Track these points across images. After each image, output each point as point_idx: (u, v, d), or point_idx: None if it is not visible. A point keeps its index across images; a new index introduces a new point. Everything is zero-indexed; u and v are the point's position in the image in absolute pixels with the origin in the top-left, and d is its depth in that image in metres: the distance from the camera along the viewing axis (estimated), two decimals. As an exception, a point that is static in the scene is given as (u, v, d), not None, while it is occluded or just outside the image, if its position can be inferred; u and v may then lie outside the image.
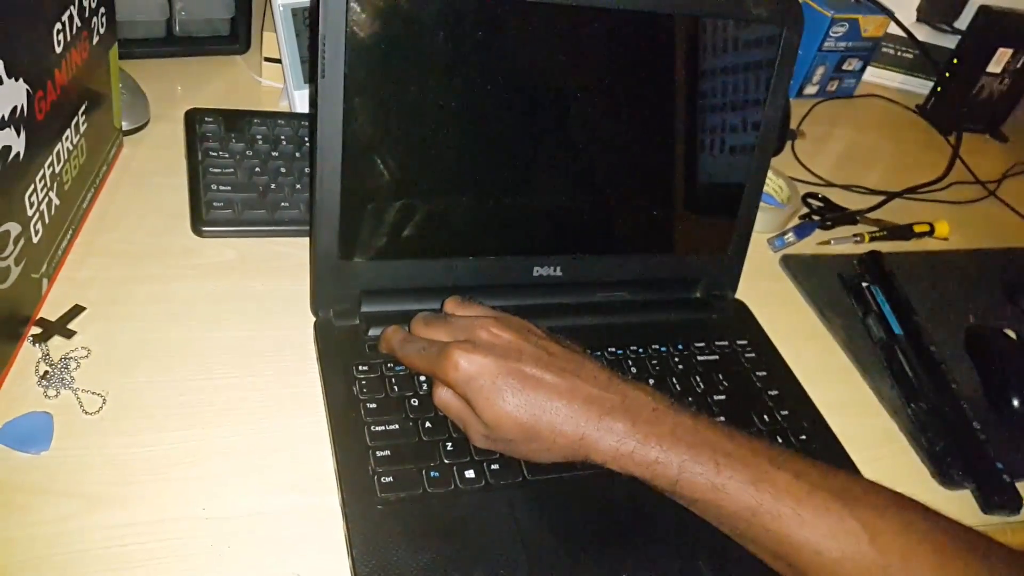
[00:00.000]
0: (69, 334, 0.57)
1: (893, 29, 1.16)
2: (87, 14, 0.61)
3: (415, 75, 0.56)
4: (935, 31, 1.18)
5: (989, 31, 1.09)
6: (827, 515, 0.46)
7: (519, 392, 0.49)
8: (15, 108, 0.49)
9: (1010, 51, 1.10)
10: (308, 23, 0.80)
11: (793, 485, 0.47)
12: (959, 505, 0.62)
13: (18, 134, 0.50)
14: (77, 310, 0.59)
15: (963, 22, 1.14)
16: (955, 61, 1.13)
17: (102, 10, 0.64)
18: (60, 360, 0.55)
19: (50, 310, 0.58)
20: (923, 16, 1.17)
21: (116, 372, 0.56)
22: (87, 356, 0.56)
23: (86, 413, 0.53)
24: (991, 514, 0.61)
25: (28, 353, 0.56)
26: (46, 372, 0.54)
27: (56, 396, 0.53)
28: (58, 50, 0.55)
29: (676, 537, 0.52)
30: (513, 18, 0.57)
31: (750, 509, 0.46)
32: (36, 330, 0.57)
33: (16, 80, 0.49)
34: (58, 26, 0.55)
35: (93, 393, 0.54)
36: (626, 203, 0.67)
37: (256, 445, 0.54)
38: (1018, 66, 1.12)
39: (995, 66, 1.12)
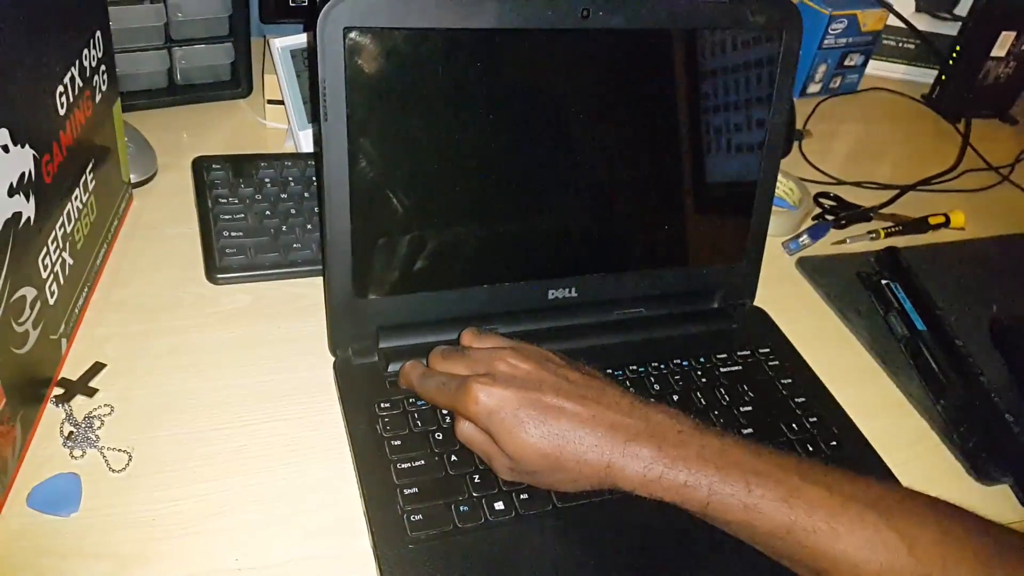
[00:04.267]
0: (91, 392, 0.58)
1: (893, 21, 1.15)
2: (88, 73, 0.61)
3: (417, 110, 0.57)
4: (935, 19, 1.17)
5: (991, 15, 1.08)
6: (863, 527, 0.45)
7: (541, 423, 0.48)
8: (23, 174, 0.50)
9: (1013, 33, 1.09)
10: (308, 63, 0.81)
11: (826, 499, 0.46)
12: (998, 501, 0.60)
13: (27, 199, 0.50)
14: (98, 367, 0.59)
15: (963, 8, 1.13)
16: (958, 48, 1.12)
17: (103, 67, 0.65)
18: (84, 419, 0.56)
19: (71, 369, 0.59)
20: (922, 6, 1.16)
21: (140, 427, 0.56)
22: (110, 413, 0.57)
23: (112, 471, 0.53)
24: (1032, 508, 0.60)
25: (52, 414, 0.56)
26: (71, 432, 0.55)
27: (82, 456, 0.54)
28: (62, 112, 0.56)
29: (713, 557, 0.51)
30: (511, 47, 0.57)
31: (784, 527, 0.46)
32: (58, 391, 0.57)
33: (22, 147, 0.49)
34: (60, 88, 0.55)
35: (119, 450, 0.54)
36: (638, 219, 0.67)
37: (284, 491, 0.54)
38: (1022, 48, 1.11)
39: (999, 50, 1.11)
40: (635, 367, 0.64)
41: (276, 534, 0.51)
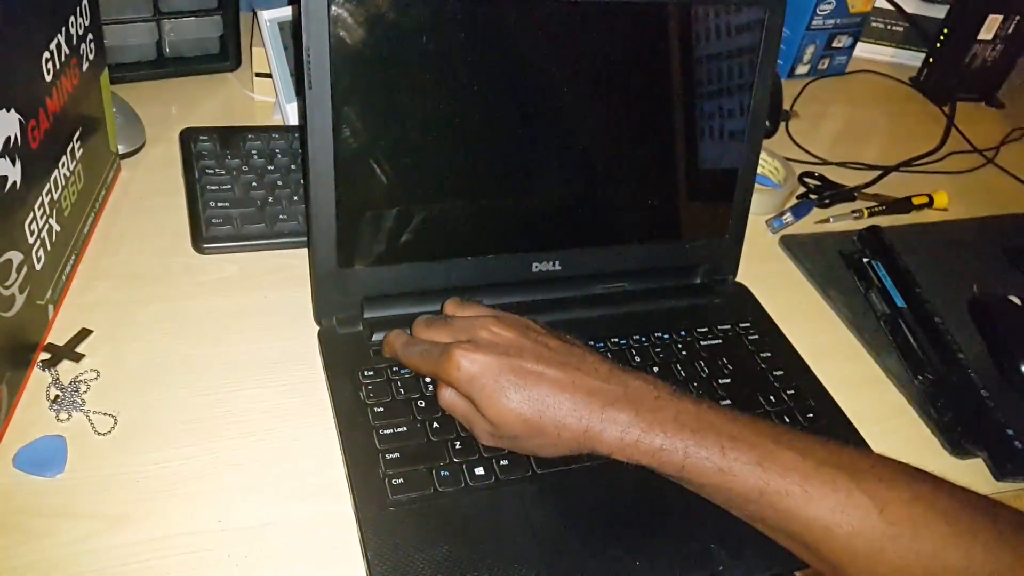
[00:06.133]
0: (78, 357, 0.58)
1: (881, 3, 1.16)
2: (75, 41, 0.61)
3: (401, 79, 0.57)
4: (923, 2, 1.18)
5: (978, -2, 1.09)
6: (835, 490, 0.46)
7: (521, 388, 0.49)
8: (8, 138, 0.50)
9: (1000, 17, 1.10)
10: (294, 36, 0.81)
11: (799, 463, 0.47)
12: (972, 474, 0.62)
13: (13, 164, 0.51)
14: (84, 333, 0.60)
15: (951, -9, 1.14)
16: (945, 31, 1.13)
17: (90, 36, 0.65)
18: (70, 383, 0.56)
19: (58, 335, 0.59)
20: (910, -12, 1.17)
21: (126, 392, 0.56)
22: (96, 378, 0.57)
23: (98, 434, 0.54)
24: (1004, 481, 0.61)
25: (38, 379, 0.56)
26: (57, 396, 0.55)
27: (68, 419, 0.54)
28: (48, 78, 0.56)
29: (688, 522, 0.52)
30: (495, 17, 0.58)
31: (757, 489, 0.47)
32: (45, 355, 0.58)
33: (8, 111, 0.50)
34: (46, 55, 0.56)
35: (104, 414, 0.55)
36: (621, 193, 0.67)
37: (267, 456, 0.54)
38: (1009, 31, 1.11)
39: (986, 33, 1.11)
40: (617, 340, 0.64)
41: (259, 497, 0.52)
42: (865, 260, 0.77)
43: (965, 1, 1.10)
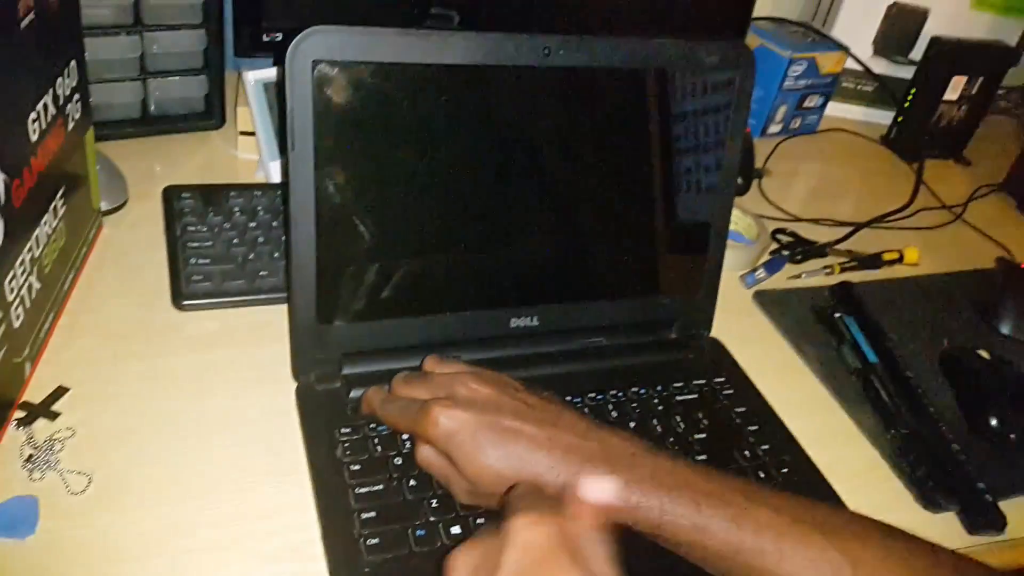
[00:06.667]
0: (53, 416, 0.58)
1: (851, 64, 1.19)
2: (62, 101, 0.62)
3: (383, 140, 0.58)
4: (892, 63, 1.21)
5: (942, 60, 1.13)
6: (808, 548, 0.46)
7: (499, 445, 0.50)
8: (-8, 199, 0.51)
9: (964, 78, 1.13)
10: (279, 96, 0.83)
11: (773, 520, 0.47)
12: (944, 528, 0.62)
13: (-4, 223, 0.51)
14: (61, 391, 0.60)
15: (918, 53, 1.17)
16: (913, 91, 1.16)
17: (76, 96, 0.66)
18: (45, 442, 0.56)
19: (34, 393, 0.59)
20: (879, 50, 1.21)
21: (101, 451, 0.56)
22: (72, 436, 0.57)
23: (72, 494, 0.53)
24: (976, 535, 0.61)
25: (12, 437, 0.56)
26: (31, 455, 0.55)
27: (41, 478, 0.54)
28: (34, 138, 0.57)
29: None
30: (475, 80, 0.59)
31: (732, 547, 0.47)
32: (20, 413, 0.57)
33: (-8, 172, 0.50)
34: (33, 115, 0.57)
35: (79, 473, 0.54)
36: (597, 250, 0.68)
37: (244, 514, 0.54)
38: (973, 92, 1.15)
39: (952, 93, 1.15)
40: (594, 395, 0.65)
41: (234, 557, 0.51)
42: (837, 315, 0.79)
43: (931, 63, 1.14)
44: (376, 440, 0.58)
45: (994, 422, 0.70)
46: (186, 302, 0.68)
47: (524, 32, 0.59)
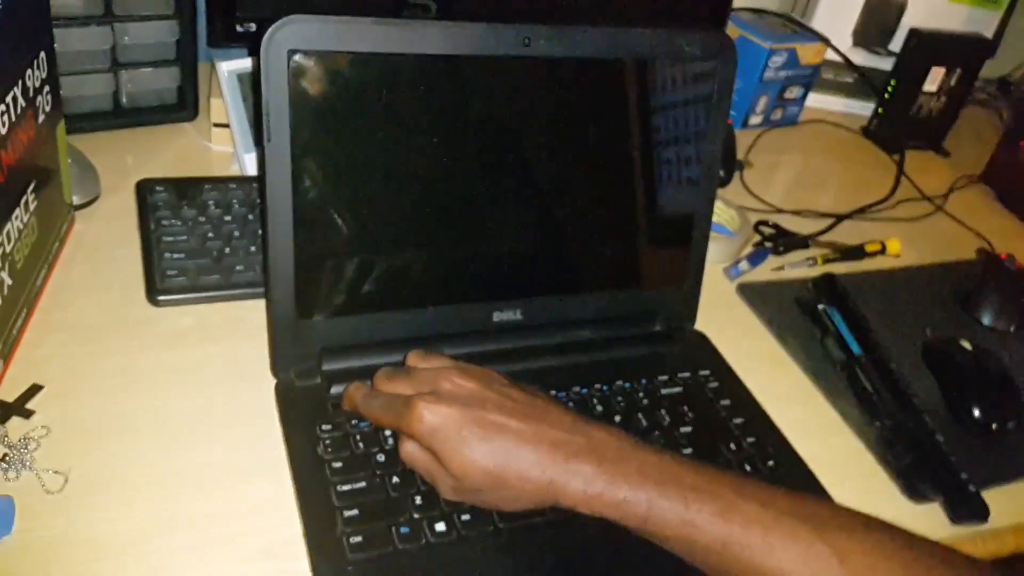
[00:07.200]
0: (27, 414, 0.56)
1: (831, 55, 1.19)
2: (31, 94, 0.61)
3: (360, 132, 0.57)
4: (871, 54, 1.22)
5: (921, 52, 1.13)
6: (796, 541, 0.46)
7: (484, 440, 0.49)
8: (-41, 192, 0.49)
9: (943, 69, 1.14)
10: (253, 87, 0.81)
11: (761, 514, 0.47)
12: (929, 519, 0.62)
13: (-37, 218, 0.50)
14: (35, 389, 0.58)
15: (897, 44, 1.18)
16: (893, 82, 1.16)
17: (47, 88, 0.64)
18: (19, 441, 0.54)
19: (7, 391, 0.58)
20: (858, 41, 1.21)
21: (77, 449, 0.55)
22: (47, 435, 0.55)
23: (48, 493, 0.52)
24: (960, 525, 0.62)
25: (-15, 437, 0.55)
26: (5, 455, 0.54)
27: (17, 478, 0.53)
28: (3, 131, 0.55)
29: (652, 575, 0.52)
30: (453, 71, 0.58)
31: (720, 541, 0.47)
32: (-8, 413, 0.56)
33: (-41, 165, 0.49)
34: (1, 108, 0.55)
35: (55, 472, 0.53)
36: (580, 243, 0.68)
37: (222, 513, 0.53)
38: (952, 83, 1.16)
39: (931, 84, 1.15)
40: (579, 389, 0.64)
41: (214, 556, 0.50)
42: (820, 307, 0.78)
43: (910, 54, 1.14)
44: (358, 437, 0.57)
45: (977, 412, 0.70)
46: (161, 297, 0.67)
47: (503, 22, 0.58)
